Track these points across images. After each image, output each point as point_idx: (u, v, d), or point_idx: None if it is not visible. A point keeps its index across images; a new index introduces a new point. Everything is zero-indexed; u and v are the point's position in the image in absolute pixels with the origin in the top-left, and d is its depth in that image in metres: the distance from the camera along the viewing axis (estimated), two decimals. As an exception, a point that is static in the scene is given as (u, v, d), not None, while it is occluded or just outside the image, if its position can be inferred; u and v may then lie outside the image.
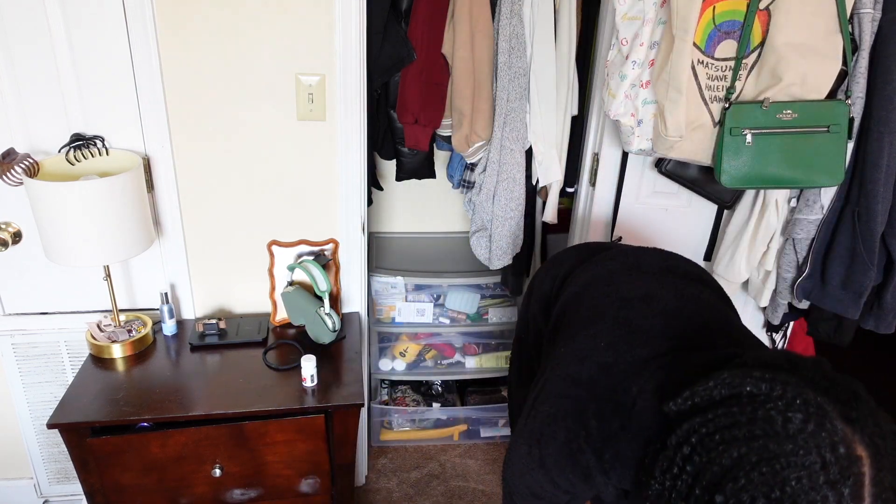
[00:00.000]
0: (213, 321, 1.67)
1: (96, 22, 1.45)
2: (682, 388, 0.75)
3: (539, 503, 1.05)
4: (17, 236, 1.62)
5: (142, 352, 1.62)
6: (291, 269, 1.71)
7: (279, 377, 1.55)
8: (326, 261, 1.72)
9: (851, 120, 1.47)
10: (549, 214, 2.01)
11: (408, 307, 2.20)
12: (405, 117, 1.92)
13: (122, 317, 1.67)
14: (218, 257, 1.74)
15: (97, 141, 1.51)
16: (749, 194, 1.73)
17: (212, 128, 1.60)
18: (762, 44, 1.45)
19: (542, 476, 0.98)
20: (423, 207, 2.49)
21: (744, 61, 1.47)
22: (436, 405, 2.34)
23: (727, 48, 1.47)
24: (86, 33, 1.46)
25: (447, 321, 2.26)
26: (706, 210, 1.86)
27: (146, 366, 1.57)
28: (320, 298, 1.65)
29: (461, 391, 2.43)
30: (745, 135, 1.46)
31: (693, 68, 1.47)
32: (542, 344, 1.26)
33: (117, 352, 1.59)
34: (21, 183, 1.40)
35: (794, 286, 1.73)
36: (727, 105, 1.47)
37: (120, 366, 1.57)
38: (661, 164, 1.76)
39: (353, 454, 1.58)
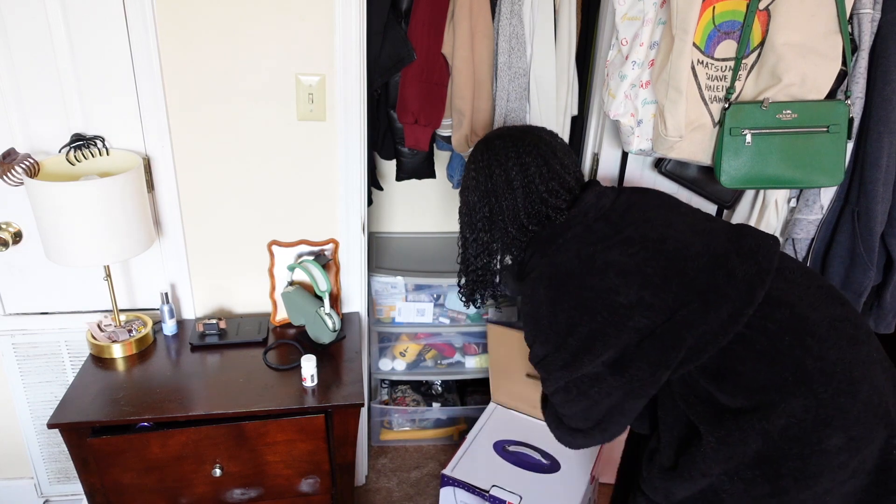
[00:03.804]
0: (214, 321, 1.67)
1: (97, 22, 1.45)
2: None
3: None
4: (17, 236, 1.62)
5: (142, 352, 1.62)
6: (291, 268, 1.71)
7: (279, 377, 1.55)
8: (326, 261, 1.72)
9: (851, 120, 1.47)
10: (549, 214, 2.01)
11: (408, 307, 2.20)
12: (405, 117, 1.92)
13: (123, 317, 1.67)
14: (218, 257, 1.75)
15: (97, 141, 1.51)
16: (749, 194, 1.73)
17: (212, 128, 1.60)
18: (762, 44, 1.45)
19: None
20: (423, 207, 2.49)
21: (743, 61, 1.47)
22: (436, 405, 2.34)
23: (727, 48, 1.47)
24: (86, 33, 1.46)
25: (447, 321, 2.25)
26: (706, 210, 1.85)
27: (146, 366, 1.57)
28: (320, 298, 1.65)
29: (461, 391, 2.44)
30: (745, 135, 1.46)
31: (693, 68, 1.47)
32: None
33: (118, 352, 1.59)
34: (21, 183, 1.40)
35: (793, 286, 1.73)
36: (727, 105, 1.47)
37: (120, 366, 1.57)
38: (661, 164, 1.76)
39: (353, 454, 1.58)
